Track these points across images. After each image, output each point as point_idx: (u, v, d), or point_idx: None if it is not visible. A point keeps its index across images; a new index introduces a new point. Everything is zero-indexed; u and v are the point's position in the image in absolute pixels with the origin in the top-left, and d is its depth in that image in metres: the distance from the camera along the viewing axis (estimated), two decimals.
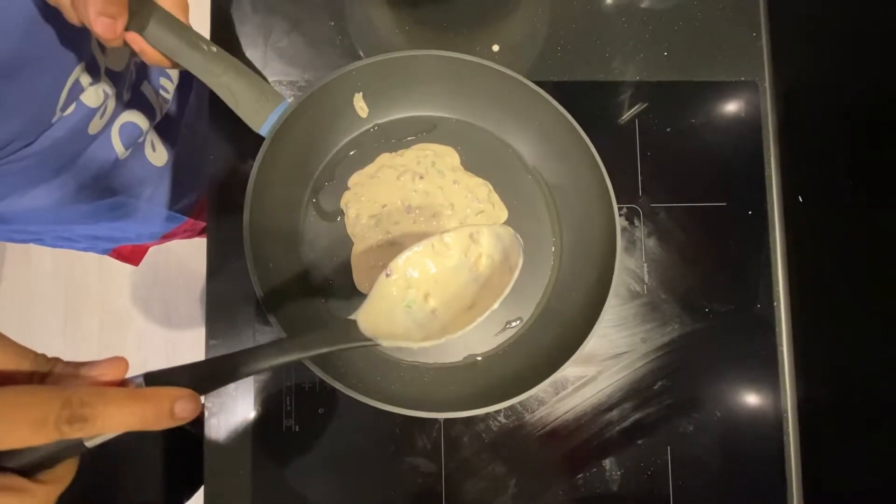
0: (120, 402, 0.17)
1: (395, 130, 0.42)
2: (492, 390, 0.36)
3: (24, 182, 0.40)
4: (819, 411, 0.41)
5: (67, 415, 0.16)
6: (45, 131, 0.37)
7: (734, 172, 0.44)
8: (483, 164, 0.42)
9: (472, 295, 0.32)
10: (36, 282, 1.11)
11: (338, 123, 0.41)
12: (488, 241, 0.33)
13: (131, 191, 0.49)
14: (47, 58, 0.34)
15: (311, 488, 0.40)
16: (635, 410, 0.41)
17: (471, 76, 0.39)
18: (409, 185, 0.41)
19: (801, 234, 0.43)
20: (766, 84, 0.45)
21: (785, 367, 0.43)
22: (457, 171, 0.42)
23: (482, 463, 0.40)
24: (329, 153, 0.41)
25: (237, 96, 0.35)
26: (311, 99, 0.36)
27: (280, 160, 0.37)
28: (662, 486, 0.41)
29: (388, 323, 0.30)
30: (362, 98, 0.40)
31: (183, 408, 0.19)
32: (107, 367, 0.19)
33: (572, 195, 0.41)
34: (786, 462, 0.42)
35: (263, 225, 0.36)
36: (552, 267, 0.41)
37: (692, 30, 0.45)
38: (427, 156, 0.42)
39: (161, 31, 0.32)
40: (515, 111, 0.40)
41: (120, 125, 0.45)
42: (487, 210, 0.42)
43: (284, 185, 0.39)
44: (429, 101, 0.42)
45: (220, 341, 0.40)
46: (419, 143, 0.42)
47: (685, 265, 0.43)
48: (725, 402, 0.42)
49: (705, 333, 0.42)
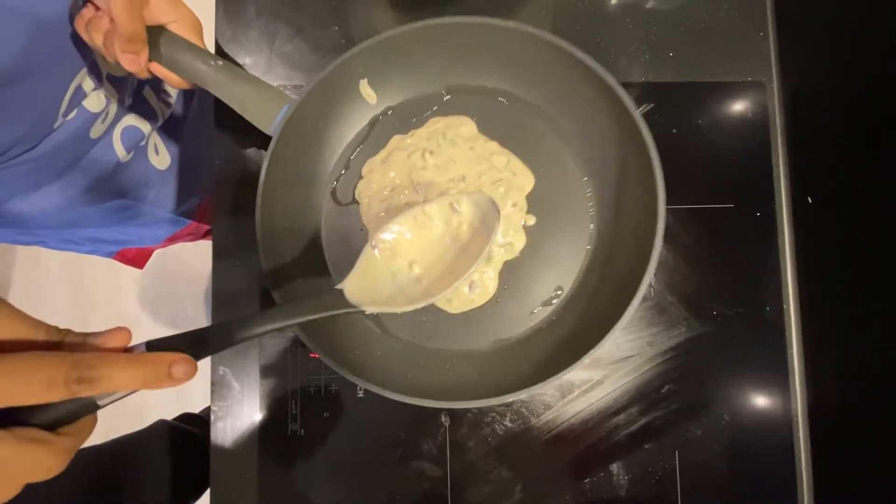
0: (122, 365, 0.20)
1: (407, 111, 0.41)
2: (518, 376, 0.34)
3: (26, 185, 0.41)
4: (829, 415, 0.41)
5: (76, 376, 0.19)
6: (47, 136, 0.38)
7: (741, 174, 0.44)
8: (503, 131, 0.40)
9: (453, 260, 0.34)
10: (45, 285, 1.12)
11: (347, 113, 0.40)
12: (468, 209, 0.35)
13: (134, 194, 0.50)
14: (50, 64, 0.34)
15: (316, 492, 0.40)
16: (642, 414, 0.41)
17: (476, 39, 0.37)
18: (418, 163, 0.40)
19: (810, 236, 0.42)
20: (774, 84, 0.45)
21: (794, 370, 0.42)
22: (473, 140, 0.40)
23: (488, 467, 0.40)
24: (342, 144, 0.41)
25: (245, 103, 0.36)
26: (315, 92, 0.36)
27: (290, 156, 0.37)
28: (670, 491, 0.40)
29: (373, 291, 0.32)
30: (368, 84, 0.39)
31: (179, 369, 0.21)
32: (111, 336, 0.21)
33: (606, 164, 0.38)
34: (796, 467, 0.41)
35: (276, 223, 0.36)
36: (590, 236, 0.39)
37: (698, 30, 0.45)
38: (438, 129, 0.40)
39: (177, 56, 0.34)
40: (530, 68, 0.38)
41: (122, 129, 0.45)
42: (507, 178, 0.39)
43: (298, 180, 0.39)
44: (437, 75, 0.40)
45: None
46: (432, 118, 0.41)
47: (692, 268, 0.43)
48: (734, 406, 0.41)
49: (713, 337, 0.42)
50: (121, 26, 0.31)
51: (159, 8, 0.33)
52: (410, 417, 0.40)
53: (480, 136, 0.40)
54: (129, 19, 0.31)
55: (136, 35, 0.32)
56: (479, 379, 0.37)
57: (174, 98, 0.52)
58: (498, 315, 0.39)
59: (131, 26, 0.31)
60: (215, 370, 0.41)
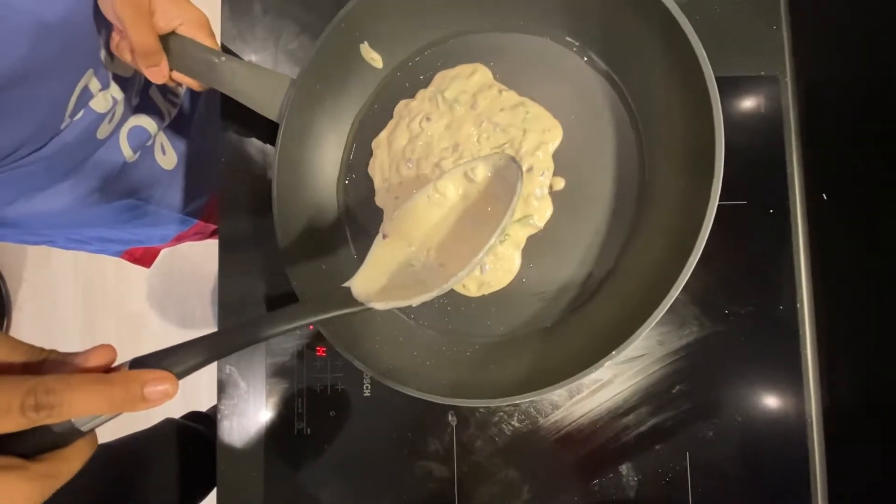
0: (85, 388, 0.18)
1: (414, 69, 0.37)
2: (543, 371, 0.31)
3: (34, 186, 0.41)
4: (845, 417, 0.40)
5: (32, 402, 0.17)
6: (54, 136, 0.38)
7: (754, 170, 0.43)
8: (523, 75, 0.33)
9: (476, 236, 0.29)
10: (56, 284, 1.13)
11: (353, 82, 0.38)
12: (484, 175, 0.30)
13: (141, 194, 0.50)
14: (55, 66, 0.34)
15: (322, 491, 0.39)
16: (652, 415, 0.40)
17: None
18: (416, 132, 0.35)
19: (825, 233, 0.41)
20: (788, 78, 0.44)
21: (809, 370, 0.41)
22: (483, 92, 0.33)
23: (495, 468, 0.40)
24: (353, 115, 0.39)
25: (252, 94, 0.35)
26: (314, 66, 0.35)
27: (301, 135, 0.36)
28: (681, 493, 0.40)
29: (388, 283, 0.29)
30: (370, 47, 0.37)
31: (154, 391, 0.19)
32: (92, 355, 0.20)
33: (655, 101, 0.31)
34: (810, 469, 0.40)
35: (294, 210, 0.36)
36: (633, 204, 0.31)
37: (709, 24, 0.44)
38: (440, 87, 0.35)
39: (186, 58, 0.35)
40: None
41: (128, 129, 0.45)
42: (516, 139, 0.32)
43: (312, 159, 0.38)
44: (440, 19, 0.35)
45: None
46: (440, 73, 0.35)
47: (703, 265, 0.41)
48: (747, 406, 0.41)
49: (725, 336, 0.41)
50: (135, 44, 0.32)
51: (164, 15, 0.33)
52: (417, 416, 0.40)
53: (495, 84, 0.34)
54: (138, 35, 0.32)
55: (150, 48, 0.33)
56: (498, 371, 0.33)
57: (181, 98, 0.52)
58: (520, 300, 0.34)
59: (143, 41, 0.32)
60: (222, 369, 0.41)
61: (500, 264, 0.34)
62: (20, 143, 0.35)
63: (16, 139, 0.35)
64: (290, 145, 0.36)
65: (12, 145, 0.35)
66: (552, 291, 0.34)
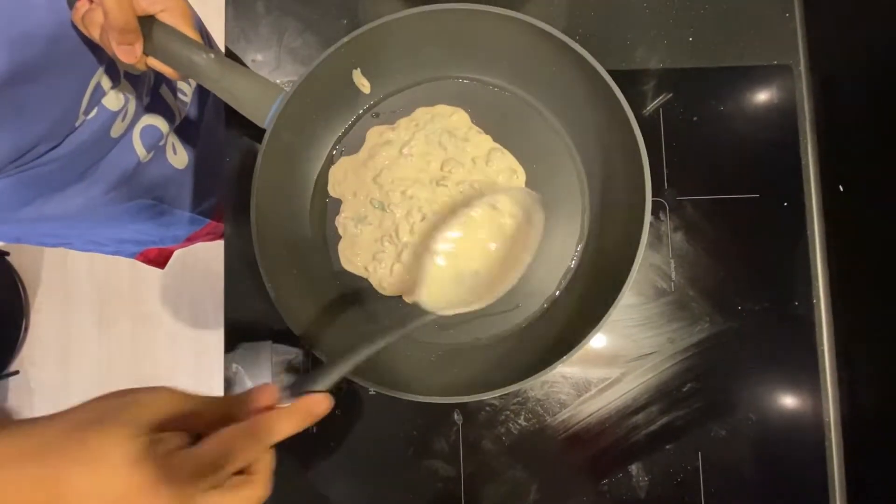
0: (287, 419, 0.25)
1: (402, 100, 0.41)
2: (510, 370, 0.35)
3: (50, 186, 0.42)
4: (863, 416, 0.39)
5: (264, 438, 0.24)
6: (69, 134, 0.38)
7: (767, 162, 0.42)
8: (494, 122, 0.40)
9: (508, 253, 0.36)
10: (72, 286, 1.15)
11: (341, 104, 0.40)
12: (507, 204, 0.36)
13: (154, 193, 0.50)
14: (70, 62, 0.35)
15: (328, 489, 0.39)
16: (663, 414, 0.39)
17: (466, 27, 0.37)
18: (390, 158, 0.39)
19: (841, 226, 0.40)
20: (802, 68, 0.43)
21: (826, 368, 0.40)
22: (460, 132, 0.40)
23: (502, 467, 0.39)
24: (335, 136, 0.41)
25: (238, 97, 0.35)
26: (308, 83, 0.35)
27: (284, 150, 0.36)
28: (693, 494, 0.39)
29: (444, 295, 0.35)
30: (361, 74, 0.39)
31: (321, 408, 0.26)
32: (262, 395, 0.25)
33: (598, 155, 0.38)
34: (827, 471, 0.39)
35: (275, 220, 0.36)
36: (581, 233, 0.39)
37: (719, 12, 0.43)
38: (422, 120, 0.40)
39: (167, 46, 0.34)
40: (524, 59, 0.38)
41: (141, 128, 0.45)
42: (483, 182, 0.39)
43: (294, 173, 0.38)
44: (430, 64, 0.40)
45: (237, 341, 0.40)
46: (421, 108, 0.40)
47: (715, 261, 0.41)
48: (761, 405, 0.40)
49: (738, 333, 0.40)
50: (112, 18, 0.31)
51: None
52: (423, 416, 0.40)
53: (473, 127, 0.40)
54: (119, 10, 0.30)
55: (129, 26, 0.31)
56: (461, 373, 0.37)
57: (189, 97, 0.52)
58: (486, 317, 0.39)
59: (122, 17, 0.31)
60: (228, 367, 0.41)
61: None
62: (37, 140, 0.36)
63: (33, 136, 0.35)
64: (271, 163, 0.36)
65: (30, 143, 0.35)
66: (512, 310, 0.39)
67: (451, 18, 0.36)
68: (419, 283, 0.34)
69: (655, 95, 0.42)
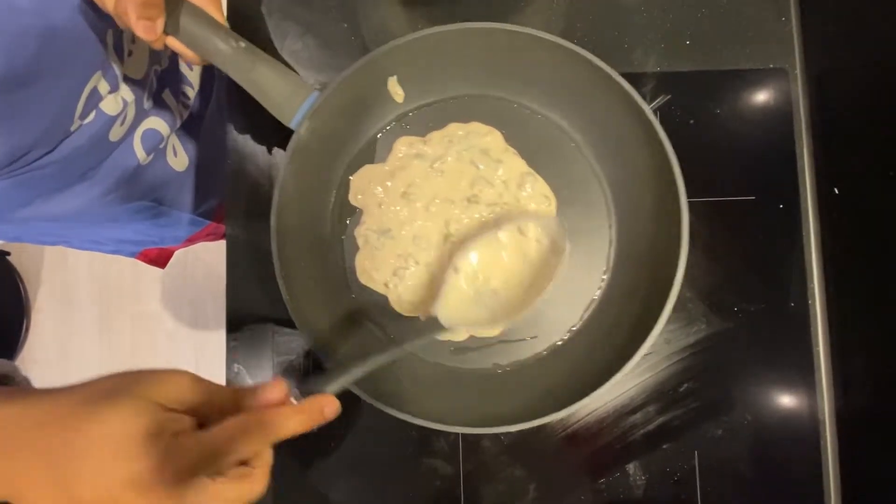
0: (293, 417, 0.25)
1: (433, 114, 0.40)
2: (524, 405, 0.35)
3: (49, 187, 0.42)
4: (859, 416, 0.39)
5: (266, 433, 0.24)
6: (64, 139, 0.38)
7: (763, 165, 0.42)
8: (527, 147, 0.40)
9: (529, 278, 0.36)
10: (72, 285, 1.15)
11: (371, 109, 0.39)
12: (535, 231, 0.37)
13: (154, 195, 0.50)
14: (63, 67, 0.35)
15: (329, 489, 0.40)
16: (660, 413, 0.40)
17: (513, 49, 0.36)
18: (421, 171, 0.39)
19: (836, 228, 0.41)
20: (797, 71, 0.43)
21: (821, 368, 0.41)
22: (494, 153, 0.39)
23: (501, 466, 0.40)
24: (360, 142, 0.40)
25: (266, 91, 0.34)
26: (342, 87, 0.35)
27: (312, 151, 0.36)
28: (690, 493, 0.39)
29: (462, 312, 0.35)
30: (397, 82, 0.38)
31: (330, 410, 0.26)
32: (272, 390, 0.25)
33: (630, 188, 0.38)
34: (823, 470, 0.40)
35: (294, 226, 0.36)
36: (607, 264, 0.39)
37: (716, 16, 0.43)
38: (456, 136, 0.39)
39: (193, 28, 0.32)
40: (570, 90, 0.38)
41: (142, 132, 0.46)
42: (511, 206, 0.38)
43: (318, 177, 0.38)
44: (470, 81, 0.39)
45: (239, 343, 0.41)
46: (452, 123, 0.40)
47: (711, 262, 0.41)
48: (757, 405, 0.40)
49: (734, 334, 0.41)
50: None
51: None
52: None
53: (509, 148, 0.40)
54: None
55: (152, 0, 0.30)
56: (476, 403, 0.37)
57: (192, 99, 0.53)
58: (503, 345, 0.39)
59: None
60: (230, 367, 0.41)
61: None
62: (30, 145, 0.36)
63: (26, 141, 0.35)
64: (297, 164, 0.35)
65: (23, 148, 0.35)
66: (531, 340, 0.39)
67: (497, 37, 0.36)
68: (437, 297, 0.35)
69: (653, 98, 0.43)
